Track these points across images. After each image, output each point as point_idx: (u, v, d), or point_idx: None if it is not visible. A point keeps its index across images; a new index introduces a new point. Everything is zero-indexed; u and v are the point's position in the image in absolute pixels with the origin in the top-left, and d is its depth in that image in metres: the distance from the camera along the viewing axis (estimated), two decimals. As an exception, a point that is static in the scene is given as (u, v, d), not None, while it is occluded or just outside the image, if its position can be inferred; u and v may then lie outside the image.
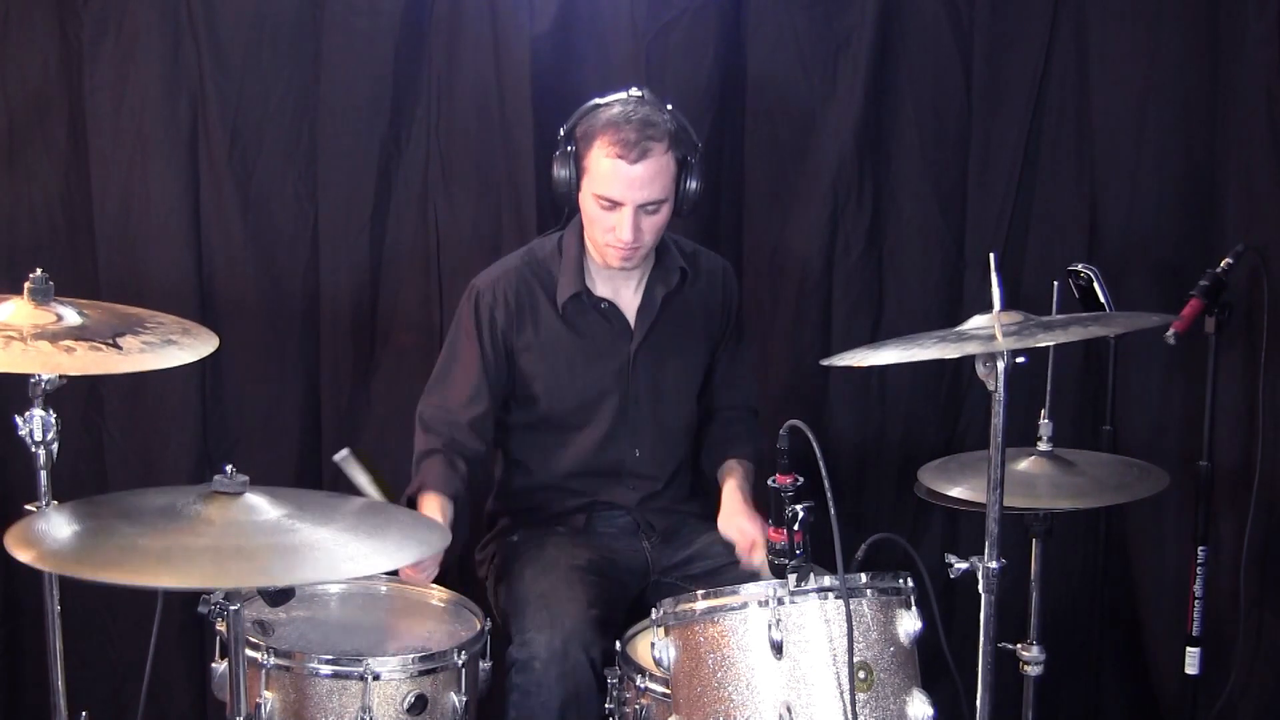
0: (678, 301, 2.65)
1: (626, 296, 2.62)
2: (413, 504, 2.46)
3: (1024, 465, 2.50)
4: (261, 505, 1.80)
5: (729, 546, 2.48)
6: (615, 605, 2.47)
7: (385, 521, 1.93)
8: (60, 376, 1.99)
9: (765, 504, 2.08)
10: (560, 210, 2.65)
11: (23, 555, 1.67)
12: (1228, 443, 2.93)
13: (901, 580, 2.05)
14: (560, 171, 2.50)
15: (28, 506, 2.04)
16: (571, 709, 2.29)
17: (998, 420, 1.98)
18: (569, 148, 2.49)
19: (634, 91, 2.50)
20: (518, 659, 2.33)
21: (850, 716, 1.93)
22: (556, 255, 2.61)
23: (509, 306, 2.58)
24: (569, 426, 2.62)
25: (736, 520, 2.49)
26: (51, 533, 1.78)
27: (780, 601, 1.96)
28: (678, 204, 2.51)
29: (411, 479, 2.53)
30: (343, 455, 2.44)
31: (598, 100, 2.50)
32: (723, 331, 2.74)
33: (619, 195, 2.43)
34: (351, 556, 1.78)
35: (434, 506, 2.42)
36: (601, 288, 2.61)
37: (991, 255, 2.12)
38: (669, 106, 2.50)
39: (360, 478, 2.42)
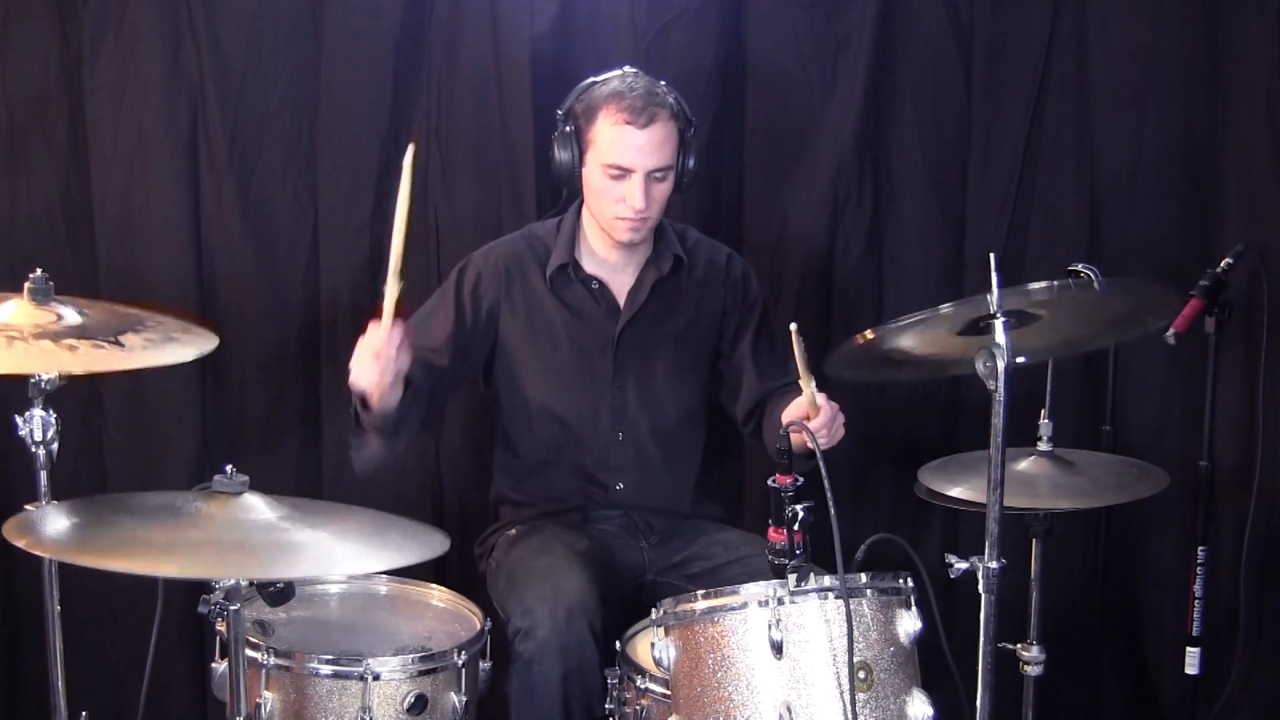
0: (671, 289, 2.64)
1: (620, 279, 2.62)
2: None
3: (1024, 465, 2.51)
4: (259, 505, 1.82)
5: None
6: (612, 591, 2.45)
7: (384, 527, 1.93)
8: (60, 376, 1.99)
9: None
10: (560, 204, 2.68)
11: (21, 541, 1.68)
12: (1228, 443, 2.93)
13: (901, 580, 2.04)
14: (562, 152, 2.51)
15: (27, 507, 2.03)
16: (575, 679, 2.28)
17: (998, 420, 1.98)
18: (568, 127, 2.50)
19: (628, 69, 2.53)
20: (520, 628, 2.31)
21: (850, 716, 1.93)
22: (554, 233, 2.63)
23: (499, 274, 2.59)
24: (554, 403, 2.60)
25: (799, 401, 2.29)
26: (51, 524, 1.80)
27: (780, 601, 1.96)
28: (678, 178, 2.51)
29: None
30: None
31: (593, 79, 2.52)
32: (724, 322, 2.68)
33: (630, 162, 2.44)
34: (351, 554, 1.80)
35: None
36: (594, 269, 2.61)
37: (991, 255, 2.11)
38: (663, 82, 2.52)
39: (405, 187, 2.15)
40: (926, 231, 3.14)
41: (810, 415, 2.26)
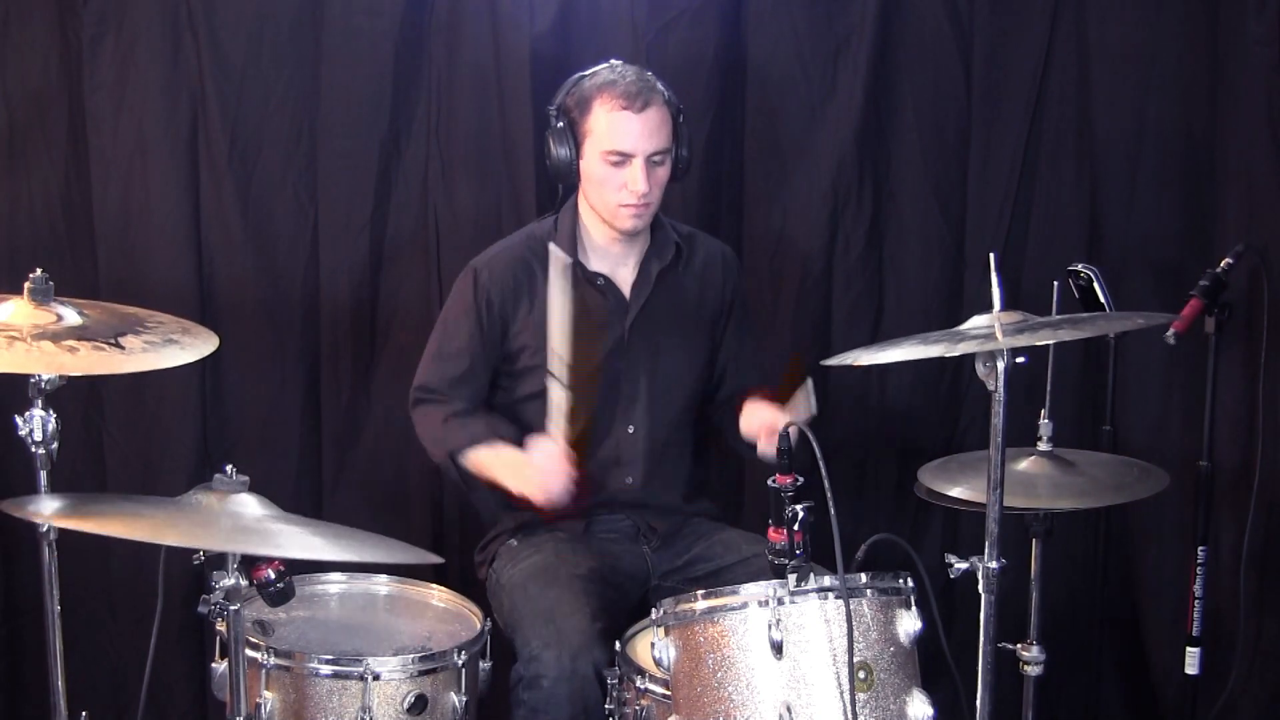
0: (673, 279, 2.65)
1: (622, 273, 2.62)
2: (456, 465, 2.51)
3: (1024, 465, 2.50)
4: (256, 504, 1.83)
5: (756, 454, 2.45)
6: (618, 613, 2.45)
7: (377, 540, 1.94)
8: (61, 376, 1.99)
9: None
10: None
11: (20, 512, 1.71)
12: (1228, 443, 2.92)
13: (901, 580, 2.04)
14: (558, 148, 2.51)
15: (27, 506, 2.04)
16: None
17: (998, 420, 1.98)
18: (560, 122, 2.51)
19: (614, 61, 2.54)
20: (525, 676, 2.31)
21: (850, 716, 1.93)
22: (553, 233, 2.62)
23: (506, 283, 2.58)
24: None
25: (759, 414, 2.45)
26: (50, 502, 1.84)
27: (780, 601, 1.96)
28: (675, 164, 2.53)
29: (440, 442, 2.55)
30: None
31: (581, 73, 2.53)
32: (724, 314, 2.72)
33: (630, 146, 2.45)
34: (352, 546, 1.82)
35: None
36: (597, 264, 2.61)
37: (991, 255, 2.12)
38: (648, 72, 2.53)
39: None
40: (926, 231, 3.14)
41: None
